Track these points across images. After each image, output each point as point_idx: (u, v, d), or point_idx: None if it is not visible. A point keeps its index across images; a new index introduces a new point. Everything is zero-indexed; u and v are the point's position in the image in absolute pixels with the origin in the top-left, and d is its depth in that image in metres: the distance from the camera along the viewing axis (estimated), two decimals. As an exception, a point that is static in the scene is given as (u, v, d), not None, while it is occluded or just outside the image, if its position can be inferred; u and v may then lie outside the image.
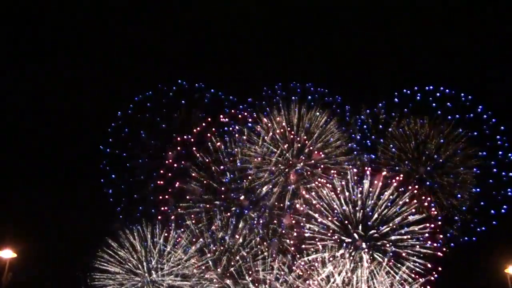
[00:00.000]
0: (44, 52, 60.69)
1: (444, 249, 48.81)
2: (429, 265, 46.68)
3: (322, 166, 51.58)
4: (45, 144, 55.22)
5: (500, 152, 54.03)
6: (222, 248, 49.08)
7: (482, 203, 53.18)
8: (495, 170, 53.58)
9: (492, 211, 52.58)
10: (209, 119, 53.76)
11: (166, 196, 51.95)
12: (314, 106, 54.33)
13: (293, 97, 54.41)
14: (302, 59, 65.30)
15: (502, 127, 54.21)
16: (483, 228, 52.62)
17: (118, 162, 53.60)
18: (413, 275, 46.04)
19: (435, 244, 47.78)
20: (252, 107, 54.37)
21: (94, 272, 47.68)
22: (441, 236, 49.36)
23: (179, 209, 50.68)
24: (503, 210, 52.55)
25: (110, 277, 47.59)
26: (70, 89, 55.61)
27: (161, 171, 53.02)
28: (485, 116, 54.68)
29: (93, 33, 61.24)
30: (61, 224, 50.01)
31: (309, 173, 51.88)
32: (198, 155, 52.68)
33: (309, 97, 54.93)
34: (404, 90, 55.70)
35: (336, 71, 60.65)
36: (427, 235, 47.95)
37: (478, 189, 53.55)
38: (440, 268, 46.87)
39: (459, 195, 53.57)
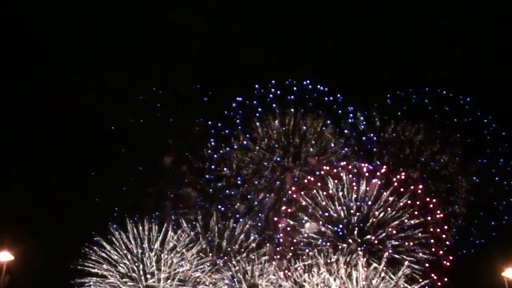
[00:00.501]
0: (39, 55, 62.09)
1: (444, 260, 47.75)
2: (426, 271, 45.64)
3: (318, 171, 51.10)
4: (42, 148, 56.05)
5: (501, 160, 52.79)
6: (218, 255, 49.05)
7: (481, 213, 51.84)
8: (496, 178, 52.45)
9: (493, 222, 51.30)
10: (204, 123, 53.73)
11: (160, 203, 52.00)
12: (311, 106, 52.86)
13: (288, 97, 53.11)
14: (298, 58, 64.24)
15: (503, 133, 52.87)
16: (482, 240, 51.13)
17: (113, 168, 53.67)
18: (409, 281, 45.12)
19: (433, 249, 46.47)
20: (243, 108, 53.28)
21: (91, 276, 47.94)
22: (446, 242, 48.12)
23: (173, 216, 50.68)
24: (504, 221, 51.14)
25: (105, 280, 47.78)
26: (65, 95, 56.37)
27: (155, 177, 53.02)
28: (485, 120, 53.34)
29: (90, 35, 62.38)
30: (59, 227, 50.48)
31: (306, 179, 51.57)
32: (192, 160, 52.80)
33: (306, 96, 53.37)
34: (398, 92, 53.95)
35: (331, 71, 59.67)
36: (429, 240, 46.87)
37: (477, 198, 52.15)
38: (438, 273, 45.82)
39: (456, 206, 52.17)
